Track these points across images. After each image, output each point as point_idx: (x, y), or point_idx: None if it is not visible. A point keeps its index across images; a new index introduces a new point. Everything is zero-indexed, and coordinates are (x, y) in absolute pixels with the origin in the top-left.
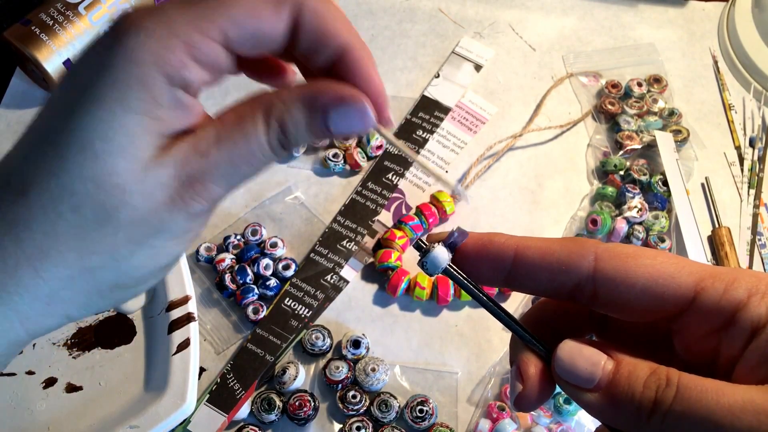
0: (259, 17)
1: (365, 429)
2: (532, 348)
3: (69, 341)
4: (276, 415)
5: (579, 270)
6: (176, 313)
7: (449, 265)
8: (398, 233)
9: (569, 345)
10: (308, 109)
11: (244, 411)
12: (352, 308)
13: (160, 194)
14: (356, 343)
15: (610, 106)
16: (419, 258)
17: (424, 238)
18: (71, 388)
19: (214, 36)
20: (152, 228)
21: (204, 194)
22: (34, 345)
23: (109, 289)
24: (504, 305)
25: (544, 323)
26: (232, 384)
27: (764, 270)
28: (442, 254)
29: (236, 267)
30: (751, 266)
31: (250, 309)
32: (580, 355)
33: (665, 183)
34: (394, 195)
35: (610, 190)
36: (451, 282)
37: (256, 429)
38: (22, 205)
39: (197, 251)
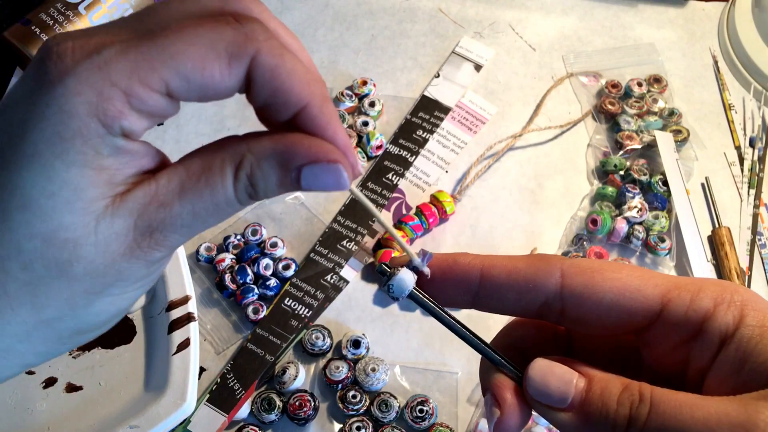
0: (207, 70)
1: (365, 429)
2: (503, 370)
3: None
4: (276, 415)
5: (546, 287)
6: (176, 313)
7: (414, 288)
8: (398, 233)
9: (540, 364)
10: (280, 166)
11: (244, 411)
12: (352, 308)
13: (116, 245)
14: (356, 343)
15: (610, 106)
16: (384, 282)
17: (387, 262)
18: (71, 388)
19: (155, 86)
20: (110, 278)
21: (163, 243)
22: None
23: (68, 336)
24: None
25: (511, 346)
26: (232, 384)
27: (765, 270)
28: (407, 278)
29: (236, 267)
30: (751, 266)
31: (250, 309)
32: (552, 374)
33: (665, 183)
34: (394, 195)
35: (610, 190)
36: None
37: (256, 429)
38: None
39: (197, 251)
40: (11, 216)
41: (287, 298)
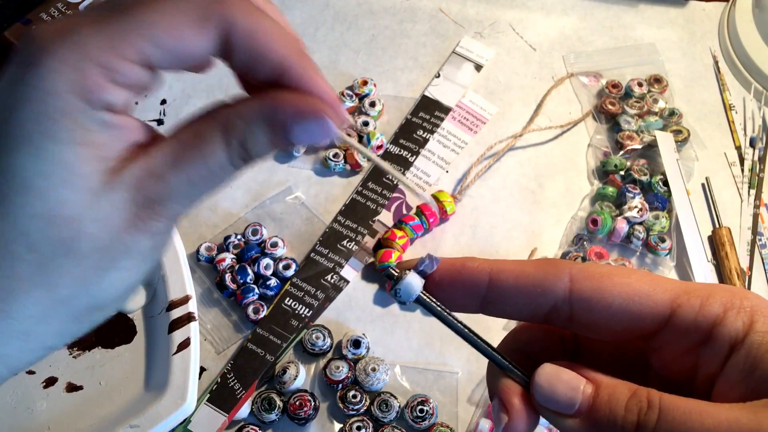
0: (179, 36)
1: (365, 429)
2: (510, 375)
3: None
4: (276, 415)
5: (554, 292)
6: (177, 313)
7: (422, 292)
8: (399, 233)
9: (547, 369)
10: (269, 125)
11: (244, 411)
12: (353, 308)
13: (117, 219)
14: (356, 343)
15: (610, 106)
16: (391, 286)
17: (394, 265)
18: (71, 388)
19: (131, 57)
20: (117, 252)
21: (164, 213)
22: None
23: (85, 314)
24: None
25: (518, 350)
26: (232, 384)
27: (765, 271)
28: (414, 282)
29: (237, 267)
30: (751, 267)
31: (250, 309)
32: (559, 380)
33: (666, 183)
34: (395, 195)
35: (610, 190)
36: None
37: (257, 429)
38: None
39: (198, 251)
40: (10, 199)
41: (287, 298)
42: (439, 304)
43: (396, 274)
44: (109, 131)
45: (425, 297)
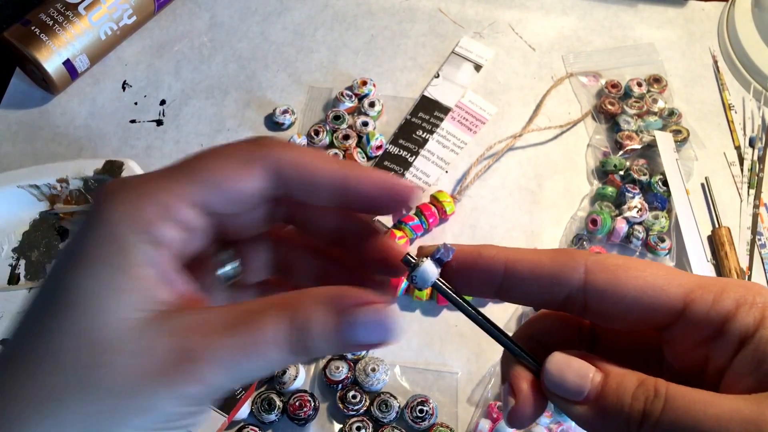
0: (227, 176)
1: (365, 429)
2: (522, 362)
3: None
4: (276, 415)
5: (570, 283)
6: None
7: (438, 279)
8: (398, 233)
9: (557, 358)
10: (332, 308)
11: (244, 411)
12: None
13: (151, 360)
14: None
15: (609, 106)
16: (408, 272)
17: (412, 253)
18: None
19: (182, 197)
20: (136, 403)
21: (198, 376)
22: None
23: None
24: (503, 305)
25: (535, 340)
26: None
27: (765, 270)
28: (430, 269)
29: None
30: (751, 266)
31: None
32: (569, 368)
33: (665, 183)
34: None
35: (610, 190)
36: None
37: (256, 429)
38: (9, 374)
39: None
40: (55, 314)
41: None
42: (455, 290)
43: (413, 261)
44: (157, 270)
45: (441, 284)
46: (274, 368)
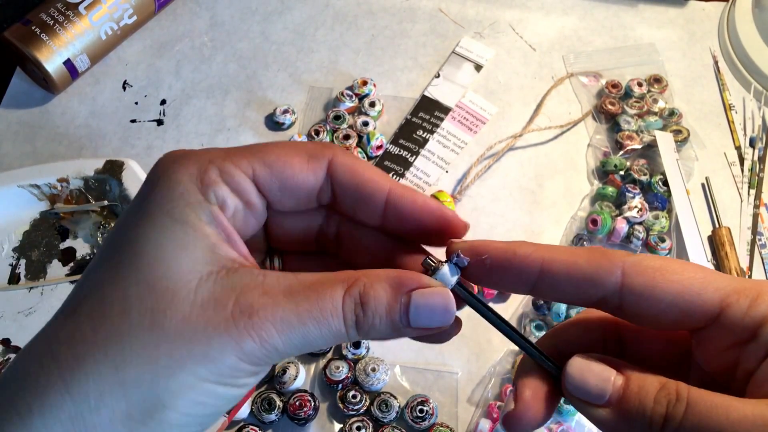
0: (288, 162)
1: (365, 429)
2: (542, 365)
3: None
4: (276, 415)
5: (606, 286)
6: None
7: (458, 284)
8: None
9: (579, 361)
10: (392, 287)
11: (244, 411)
12: None
13: (213, 311)
14: (356, 343)
15: (610, 106)
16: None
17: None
18: None
19: (243, 168)
20: (196, 350)
21: (259, 331)
22: None
23: (139, 415)
24: (504, 304)
25: (558, 348)
26: None
27: (765, 271)
28: (449, 273)
29: None
30: (751, 266)
31: None
32: (590, 371)
33: (665, 183)
34: None
35: (610, 190)
36: None
37: (256, 429)
38: (72, 322)
39: None
40: (124, 264)
41: None
42: (474, 295)
43: (433, 264)
44: (219, 229)
45: (461, 288)
46: (329, 341)
